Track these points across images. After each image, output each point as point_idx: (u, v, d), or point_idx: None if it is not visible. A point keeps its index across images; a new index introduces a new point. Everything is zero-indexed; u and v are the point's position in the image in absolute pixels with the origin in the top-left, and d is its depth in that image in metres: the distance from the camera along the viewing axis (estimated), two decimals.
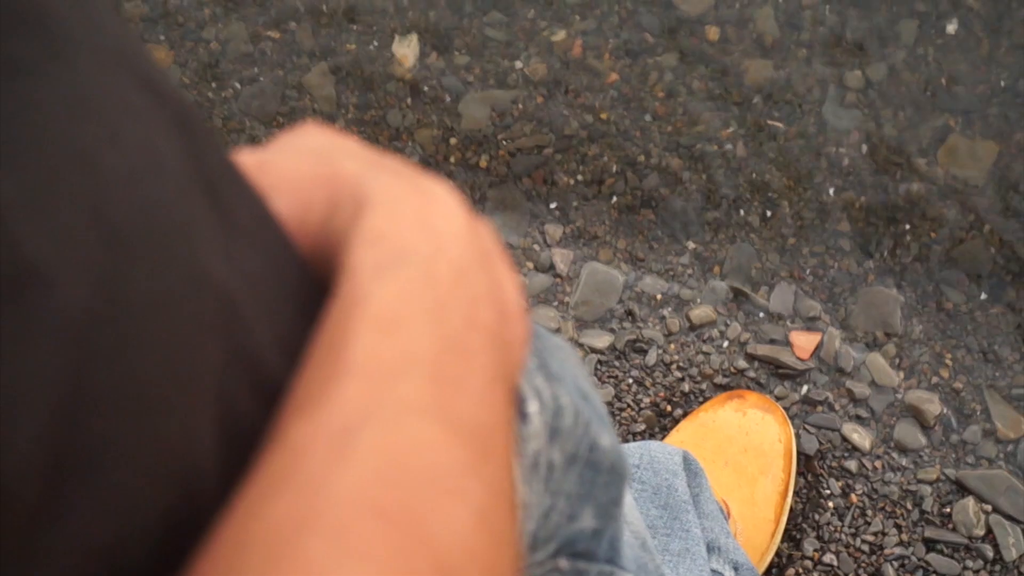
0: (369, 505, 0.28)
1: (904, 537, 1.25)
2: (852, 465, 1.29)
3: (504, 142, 1.52)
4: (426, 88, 1.60)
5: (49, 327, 0.24)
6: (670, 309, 1.41)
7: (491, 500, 0.32)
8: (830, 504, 1.28)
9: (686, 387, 1.37)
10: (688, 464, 1.09)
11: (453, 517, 0.30)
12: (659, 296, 1.42)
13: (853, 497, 1.28)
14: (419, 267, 0.36)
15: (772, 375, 1.35)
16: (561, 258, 1.45)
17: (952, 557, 1.23)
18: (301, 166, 0.41)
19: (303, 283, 0.38)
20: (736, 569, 1.06)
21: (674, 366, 1.38)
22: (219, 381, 0.31)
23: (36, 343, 0.24)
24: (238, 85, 1.68)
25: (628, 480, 0.61)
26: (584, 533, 0.54)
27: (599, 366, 1.40)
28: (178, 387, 0.29)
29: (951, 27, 1.45)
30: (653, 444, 1.11)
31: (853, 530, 1.26)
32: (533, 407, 0.46)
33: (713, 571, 1.01)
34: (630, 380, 1.39)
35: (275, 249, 0.37)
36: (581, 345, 1.39)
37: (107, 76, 0.31)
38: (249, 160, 0.41)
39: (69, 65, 0.29)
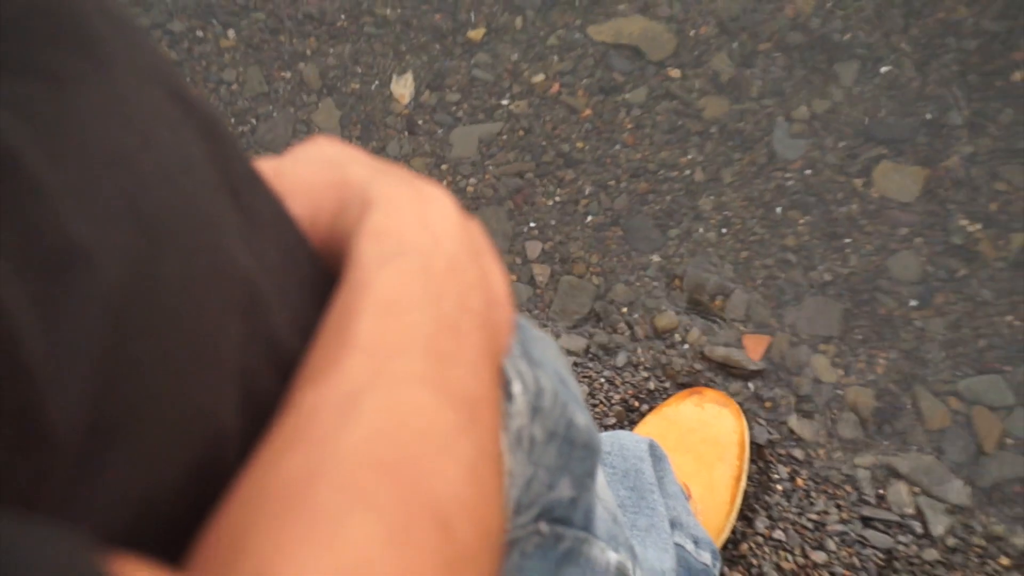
0: (372, 460, 0.28)
1: (844, 515, 1.25)
2: (798, 453, 1.29)
3: (490, 168, 1.53)
4: (421, 122, 1.60)
5: (90, 299, 0.25)
6: (637, 316, 1.41)
7: (480, 458, 0.32)
8: (779, 487, 1.28)
9: (652, 385, 1.37)
10: (653, 451, 1.09)
11: (447, 471, 0.30)
12: (627, 305, 1.42)
13: (799, 481, 1.28)
14: (417, 258, 0.36)
15: (727, 374, 1.35)
16: (540, 271, 1.45)
17: (886, 532, 1.23)
18: (314, 172, 0.41)
19: (315, 273, 0.39)
20: (696, 543, 1.06)
21: (641, 367, 1.39)
22: (241, 354, 0.31)
23: (78, 312, 0.24)
24: (254, 121, 1.68)
25: (600, 456, 0.61)
26: (562, 501, 0.54)
27: (574, 367, 1.40)
28: (204, 358, 0.29)
29: (884, 68, 1.46)
30: (623, 434, 1.11)
31: (799, 509, 1.26)
32: (517, 388, 0.47)
33: (676, 544, 1.01)
34: (602, 379, 1.39)
35: (290, 243, 0.37)
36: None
37: (142, 88, 0.31)
38: (268, 167, 0.41)
39: (109, 77, 0.29)
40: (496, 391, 0.39)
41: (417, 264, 0.36)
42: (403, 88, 1.62)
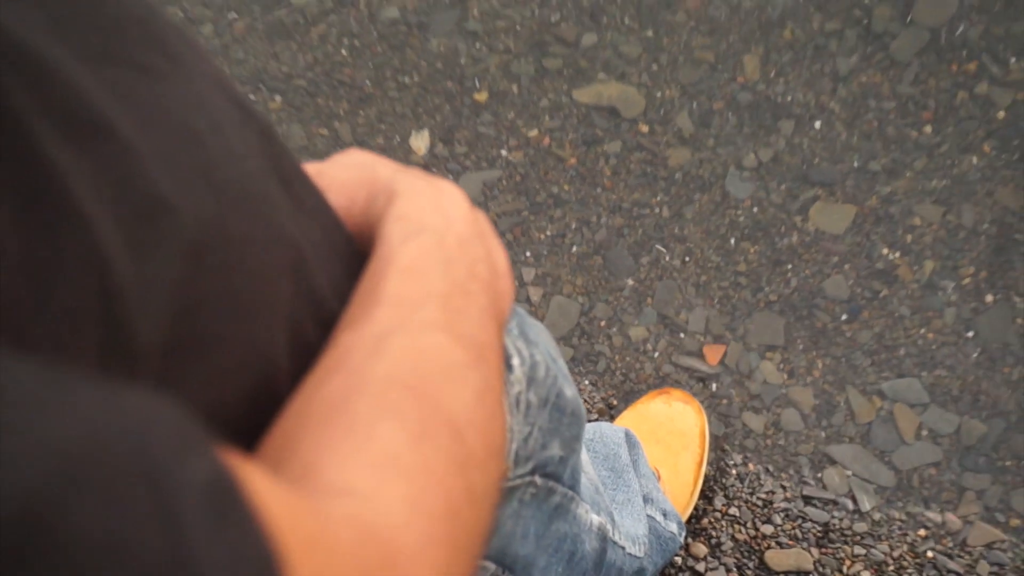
0: (399, 382, 0.29)
1: (788, 495, 1.25)
2: (749, 443, 1.29)
3: (492, 207, 1.54)
4: (435, 170, 1.61)
5: (171, 241, 0.25)
6: (615, 329, 1.42)
7: (485, 388, 0.33)
8: (733, 471, 1.28)
9: (627, 387, 1.37)
10: (629, 438, 1.09)
11: (459, 394, 0.31)
12: (606, 320, 1.42)
13: (751, 466, 1.28)
14: (433, 236, 0.37)
15: (690, 377, 1.36)
16: (534, 292, 1.46)
17: (823, 509, 1.23)
18: (348, 172, 0.42)
19: (350, 251, 0.39)
20: (665, 515, 1.06)
21: (618, 372, 1.39)
22: (290, 306, 0.32)
23: (162, 250, 0.25)
24: None
25: (585, 424, 0.61)
26: (553, 459, 0.54)
27: None
28: (262, 303, 0.30)
29: (818, 124, 1.48)
30: (603, 424, 1.11)
31: (751, 490, 1.26)
32: (516, 361, 0.47)
33: (648, 516, 1.01)
34: (586, 383, 1.39)
35: (329, 226, 0.38)
36: None
37: (210, 91, 0.32)
38: (311, 168, 0.42)
39: (185, 77, 0.30)
40: (499, 341, 0.39)
41: (433, 240, 0.37)
42: (420, 142, 1.64)
